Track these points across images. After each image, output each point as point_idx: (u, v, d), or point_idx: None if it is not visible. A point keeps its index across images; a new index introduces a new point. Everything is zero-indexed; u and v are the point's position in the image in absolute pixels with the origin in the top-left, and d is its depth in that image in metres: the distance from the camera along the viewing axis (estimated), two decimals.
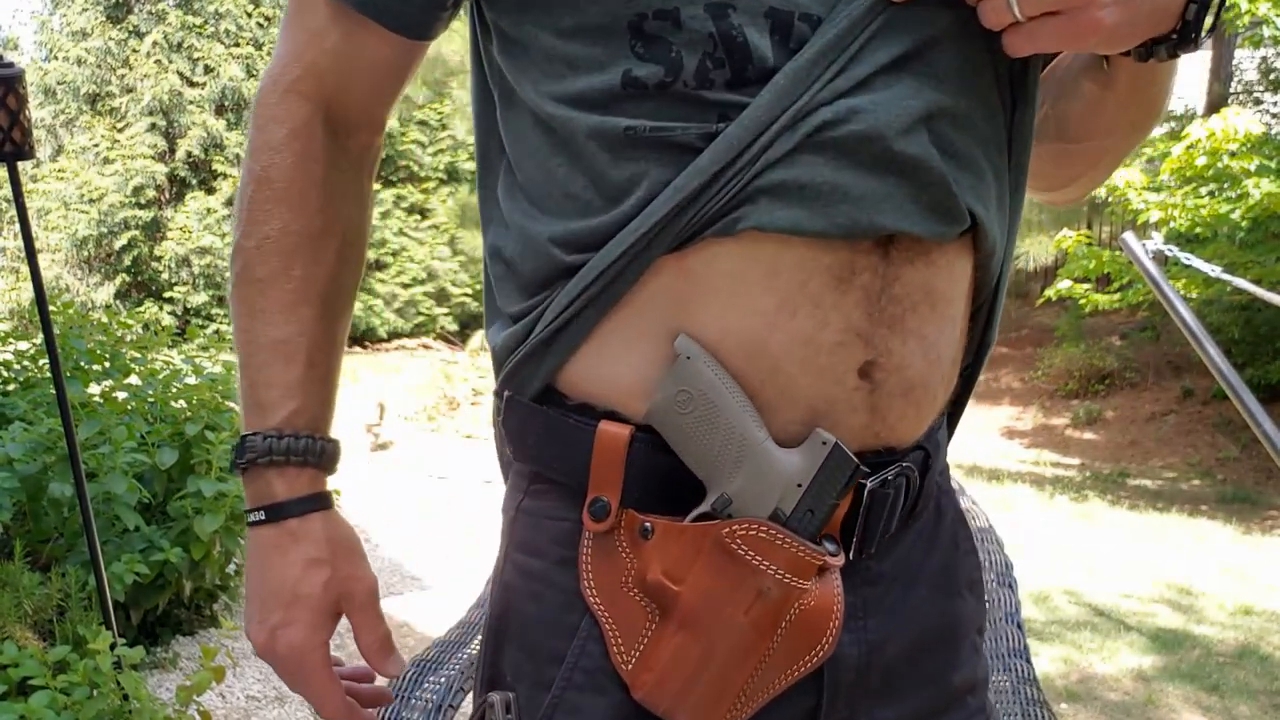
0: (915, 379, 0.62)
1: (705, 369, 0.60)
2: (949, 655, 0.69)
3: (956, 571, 0.70)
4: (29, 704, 1.88)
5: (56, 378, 2.16)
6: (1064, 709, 2.96)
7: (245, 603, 0.70)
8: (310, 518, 0.69)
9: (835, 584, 0.61)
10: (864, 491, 0.61)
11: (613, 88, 0.60)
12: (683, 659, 0.61)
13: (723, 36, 0.58)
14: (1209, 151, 6.31)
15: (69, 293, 11.60)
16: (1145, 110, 0.69)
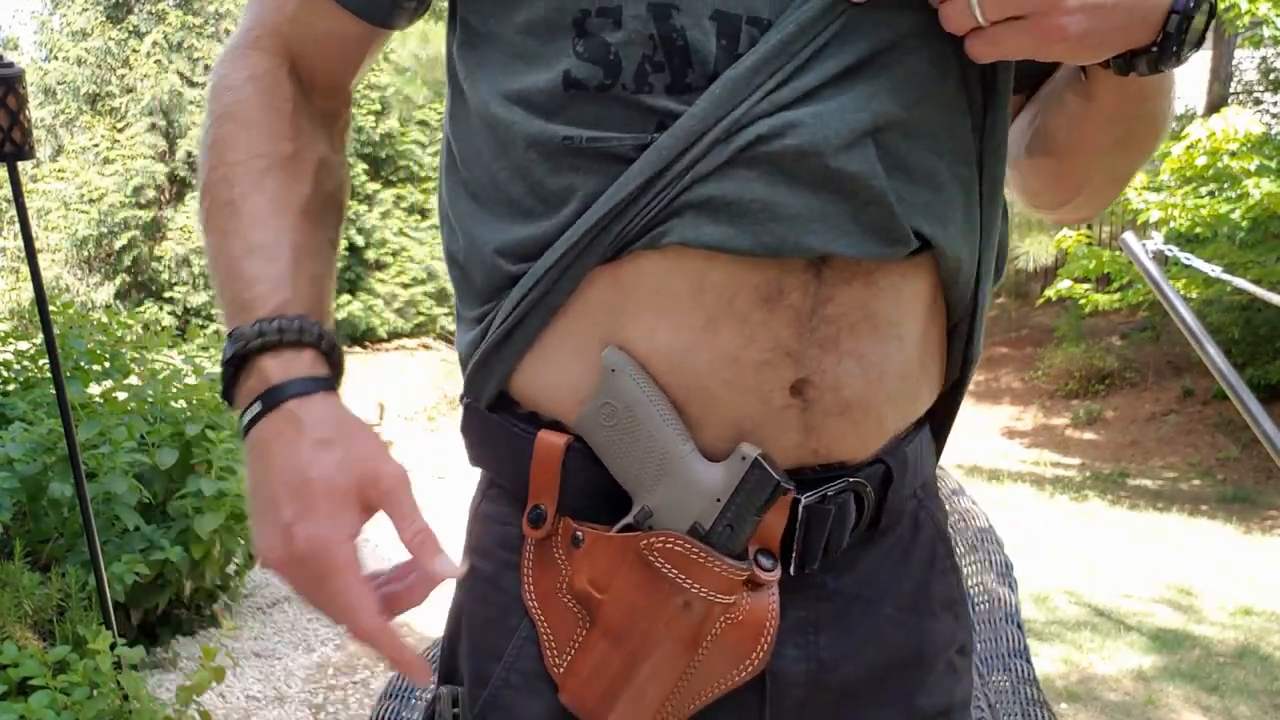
0: (853, 398, 0.60)
1: (629, 382, 0.59)
2: (917, 677, 0.67)
3: (930, 591, 0.68)
4: (29, 704, 1.88)
5: (56, 378, 2.16)
6: (1064, 709, 2.96)
7: (253, 521, 0.59)
8: (312, 398, 0.59)
9: (771, 598, 0.60)
10: (799, 507, 0.60)
11: (555, 87, 0.59)
12: (606, 666, 0.61)
13: (663, 39, 0.57)
14: (1209, 151, 6.31)
15: (69, 293, 11.60)
16: (1135, 128, 0.65)
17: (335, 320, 0.71)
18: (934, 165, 0.59)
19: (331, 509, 0.56)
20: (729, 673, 0.61)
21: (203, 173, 0.67)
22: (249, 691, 2.80)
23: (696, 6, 0.56)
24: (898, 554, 0.67)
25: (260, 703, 2.75)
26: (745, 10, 0.56)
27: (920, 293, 0.62)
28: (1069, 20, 0.53)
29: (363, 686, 2.87)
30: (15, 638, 2.12)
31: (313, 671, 2.96)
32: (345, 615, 0.56)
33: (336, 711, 2.74)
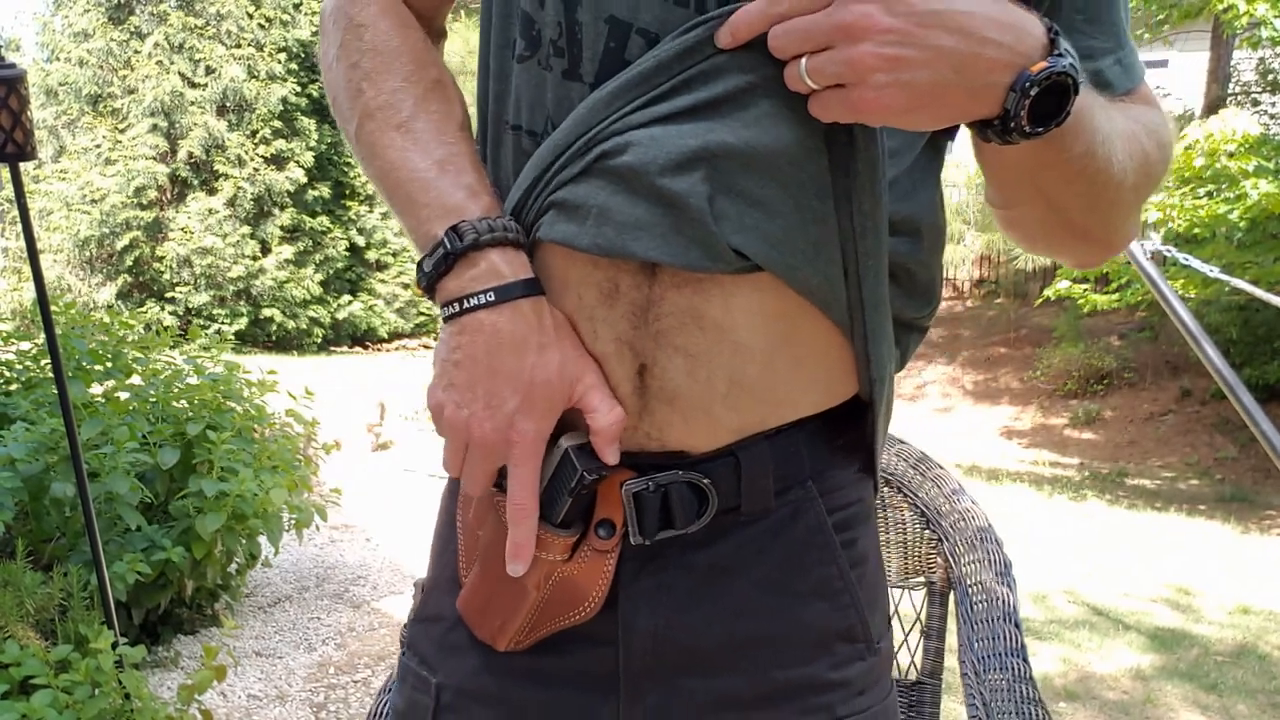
0: (679, 392, 0.66)
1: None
2: (779, 651, 0.72)
3: (800, 576, 0.72)
4: (31, 703, 1.88)
5: (58, 378, 2.17)
6: (1062, 708, 2.97)
7: (449, 387, 0.66)
8: (538, 299, 0.66)
9: (609, 560, 0.69)
10: (623, 490, 0.68)
11: (503, 49, 0.68)
12: (480, 587, 0.73)
13: (567, 27, 0.64)
14: (1207, 152, 6.32)
15: (71, 293, 11.60)
16: (1061, 182, 0.65)
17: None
18: (774, 194, 0.63)
19: (548, 409, 0.65)
20: (569, 614, 0.71)
21: (356, 103, 0.72)
22: (250, 690, 2.81)
23: (597, 6, 0.63)
24: (764, 539, 0.72)
25: (261, 702, 2.76)
26: (636, 21, 0.63)
27: (762, 307, 0.66)
28: (880, 94, 0.56)
29: (364, 685, 2.88)
30: (17, 637, 2.13)
31: (314, 670, 2.97)
32: (519, 491, 0.66)
33: (338, 710, 2.75)
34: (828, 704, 0.73)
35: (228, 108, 12.22)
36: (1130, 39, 0.73)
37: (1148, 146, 0.68)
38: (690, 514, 0.69)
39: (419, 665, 0.79)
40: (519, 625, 0.72)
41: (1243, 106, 8.81)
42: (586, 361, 0.66)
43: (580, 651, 0.73)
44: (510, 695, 0.74)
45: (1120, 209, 0.69)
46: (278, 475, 3.08)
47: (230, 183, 11.93)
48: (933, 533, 1.32)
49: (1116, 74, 0.71)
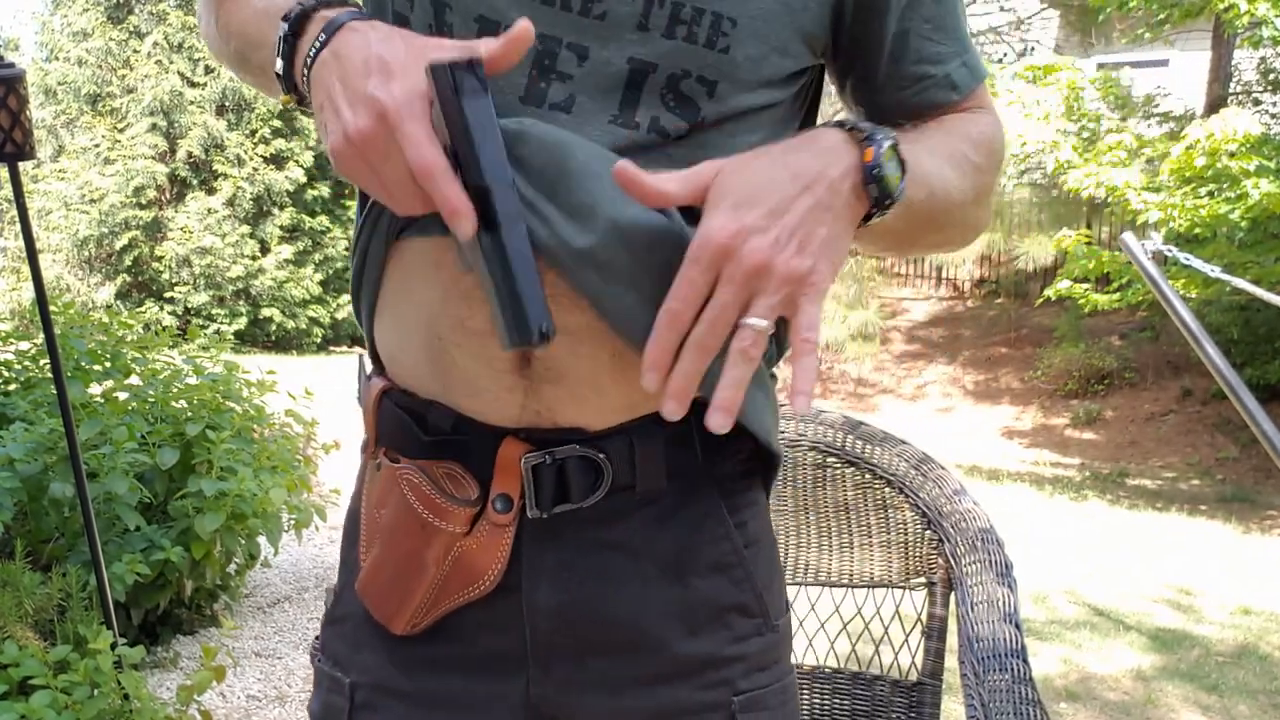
0: (564, 368, 0.69)
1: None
2: (678, 627, 0.75)
3: (697, 553, 0.76)
4: (30, 703, 1.88)
5: (57, 378, 2.17)
6: (1063, 708, 2.97)
7: (325, 132, 0.62)
8: (371, 20, 0.65)
9: (505, 536, 0.72)
10: (522, 462, 0.71)
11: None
12: (379, 567, 0.75)
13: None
14: (1208, 152, 6.31)
15: (70, 293, 11.60)
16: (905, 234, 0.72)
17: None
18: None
19: (406, 70, 0.60)
20: (468, 587, 0.73)
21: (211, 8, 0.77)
22: (250, 691, 2.80)
23: (466, 7, 0.67)
24: (659, 518, 0.75)
25: (261, 702, 2.75)
26: (504, 19, 0.66)
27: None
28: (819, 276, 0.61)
29: None
30: (16, 637, 2.13)
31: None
32: (413, 150, 0.58)
33: None
34: (728, 678, 0.76)
35: (227, 107, 12.22)
36: (970, 42, 0.79)
37: (979, 159, 0.75)
38: (585, 488, 0.72)
39: (332, 667, 0.80)
40: (417, 603, 0.73)
41: (1244, 106, 8.81)
42: (437, 39, 0.63)
43: (486, 635, 0.75)
44: (420, 686, 0.76)
45: (964, 221, 0.76)
46: (277, 475, 3.08)
47: (229, 182, 11.93)
48: (934, 533, 1.31)
49: (963, 75, 0.77)
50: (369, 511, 0.77)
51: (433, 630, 0.75)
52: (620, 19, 0.66)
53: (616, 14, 0.66)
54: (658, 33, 0.67)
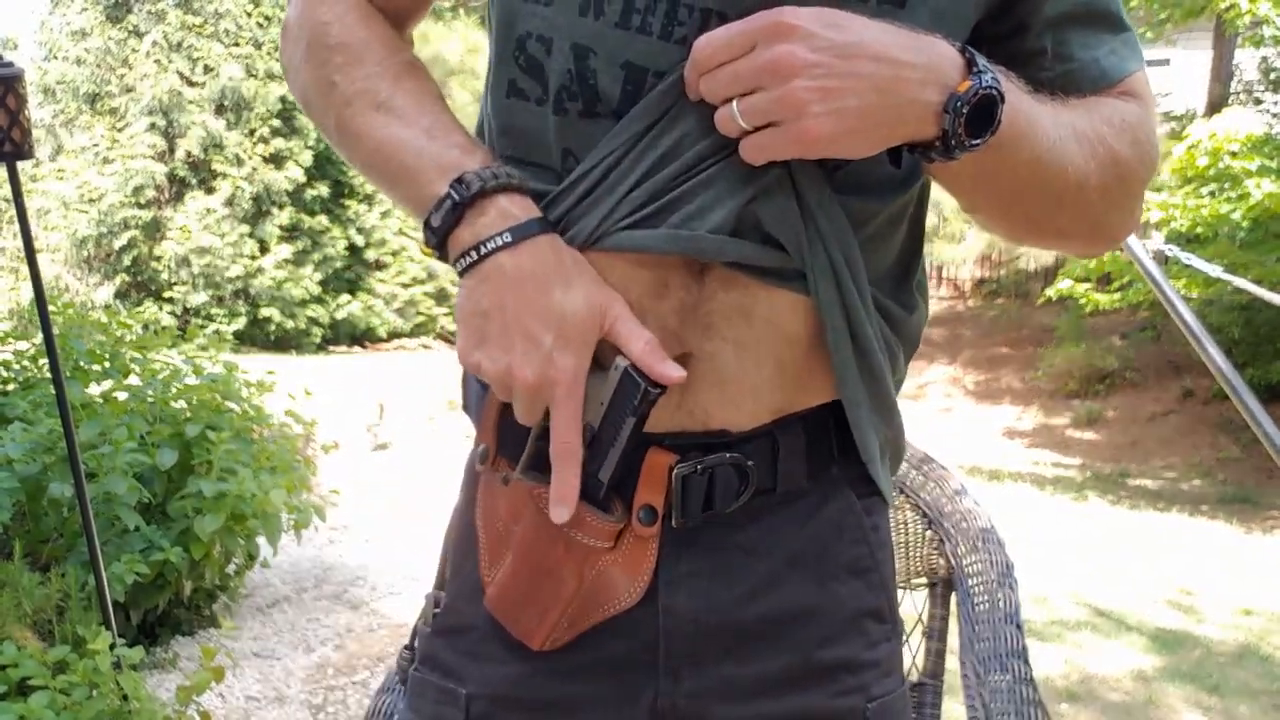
0: (728, 376, 0.69)
1: None
2: (817, 630, 0.74)
3: (834, 556, 0.75)
4: (28, 704, 1.88)
5: (56, 378, 2.16)
6: (1064, 709, 2.96)
7: (481, 343, 0.66)
8: (554, 236, 0.67)
9: (651, 547, 0.70)
10: (673, 474, 0.69)
11: (502, 88, 0.70)
12: (513, 582, 0.72)
13: (579, 75, 0.66)
14: (1210, 152, 6.31)
15: (69, 293, 11.60)
16: (1013, 190, 0.69)
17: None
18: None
19: (584, 343, 0.65)
20: (609, 603, 0.71)
21: (330, 97, 0.73)
22: (248, 692, 2.80)
23: (612, 54, 0.66)
24: (799, 518, 0.74)
25: (260, 703, 2.75)
26: (652, 65, 0.65)
27: (803, 303, 0.69)
28: (816, 124, 0.59)
29: (362, 687, 2.87)
30: (15, 638, 2.12)
31: (312, 672, 2.96)
32: (563, 429, 0.65)
33: (336, 712, 2.74)
34: (863, 684, 0.75)
35: (226, 106, 12.22)
36: (1129, 25, 0.74)
37: (1118, 146, 0.70)
38: (731, 494, 0.71)
39: (442, 678, 0.77)
40: (557, 618, 0.71)
41: (1245, 105, 8.81)
42: (610, 292, 0.66)
43: (616, 641, 0.72)
44: (546, 696, 0.74)
45: (1088, 210, 0.71)
46: (276, 476, 3.07)
47: (228, 182, 11.92)
48: (935, 533, 1.31)
49: (1113, 62, 0.73)
50: (490, 524, 0.74)
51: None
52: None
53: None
54: None
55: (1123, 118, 0.72)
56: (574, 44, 0.66)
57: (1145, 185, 0.75)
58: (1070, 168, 0.68)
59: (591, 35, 0.66)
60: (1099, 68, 0.72)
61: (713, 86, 0.61)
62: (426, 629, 0.80)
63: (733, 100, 0.61)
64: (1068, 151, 0.67)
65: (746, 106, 0.60)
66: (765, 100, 0.60)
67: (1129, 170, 0.71)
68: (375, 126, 0.71)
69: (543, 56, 0.68)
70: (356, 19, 0.74)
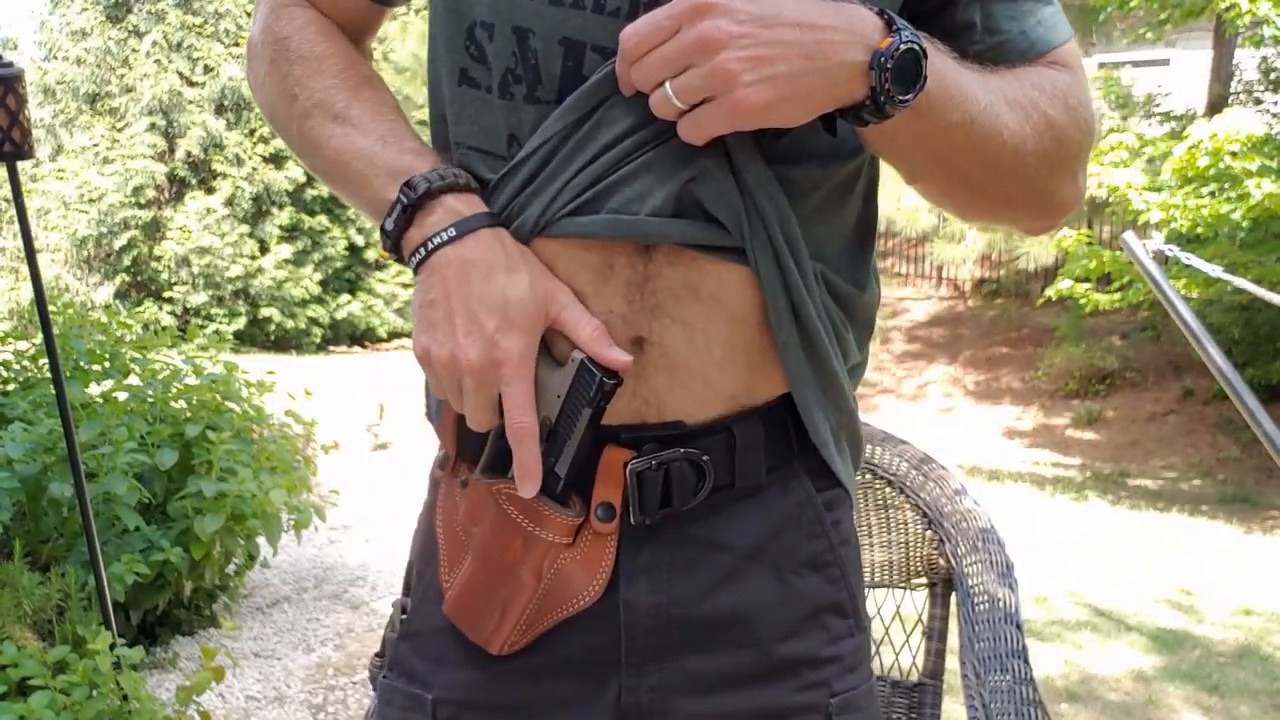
0: (678, 358, 0.70)
1: None
2: (777, 625, 0.74)
3: (792, 550, 0.75)
4: (28, 704, 1.88)
5: (56, 378, 2.17)
6: (1064, 709, 2.96)
7: (429, 329, 0.68)
8: (499, 229, 0.69)
9: (609, 544, 0.71)
10: (627, 470, 0.70)
11: (454, 76, 0.71)
12: (471, 585, 0.73)
13: (522, 57, 0.68)
14: (1210, 152, 6.31)
15: (69, 293, 11.60)
16: (949, 153, 0.69)
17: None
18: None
19: (528, 326, 0.66)
20: (569, 602, 0.71)
21: (292, 108, 0.76)
22: (248, 692, 2.80)
23: (549, 32, 0.67)
24: (755, 513, 0.74)
25: (260, 703, 2.75)
26: (589, 39, 0.67)
27: (751, 281, 0.70)
28: (749, 93, 0.60)
29: (362, 686, 2.87)
30: (15, 638, 2.12)
31: (312, 671, 2.96)
32: (516, 410, 0.66)
33: (336, 712, 2.74)
34: (824, 679, 0.76)
35: (226, 106, 12.22)
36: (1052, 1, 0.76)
37: (1052, 112, 0.71)
38: (689, 490, 0.71)
39: (408, 683, 0.78)
40: (515, 621, 0.72)
41: (1245, 106, 8.81)
42: (557, 282, 0.68)
43: (578, 639, 0.73)
44: (511, 698, 0.74)
45: (1030, 176, 0.72)
46: (276, 476, 3.07)
47: (228, 182, 11.93)
48: (935, 533, 1.31)
49: (1039, 33, 0.74)
50: (450, 529, 0.75)
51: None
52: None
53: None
54: None
55: (1054, 84, 0.73)
56: (514, 26, 0.68)
57: (1085, 152, 0.75)
58: (1005, 131, 0.69)
59: (529, 15, 0.67)
60: (1027, 39, 0.74)
61: (644, 74, 0.62)
62: (394, 635, 0.81)
63: (665, 83, 0.62)
64: (1000, 115, 0.68)
65: (680, 86, 0.61)
66: (696, 77, 0.60)
67: (1065, 135, 0.72)
68: (333, 136, 0.74)
69: (487, 43, 0.69)
70: (315, 33, 0.77)
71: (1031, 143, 0.70)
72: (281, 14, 0.79)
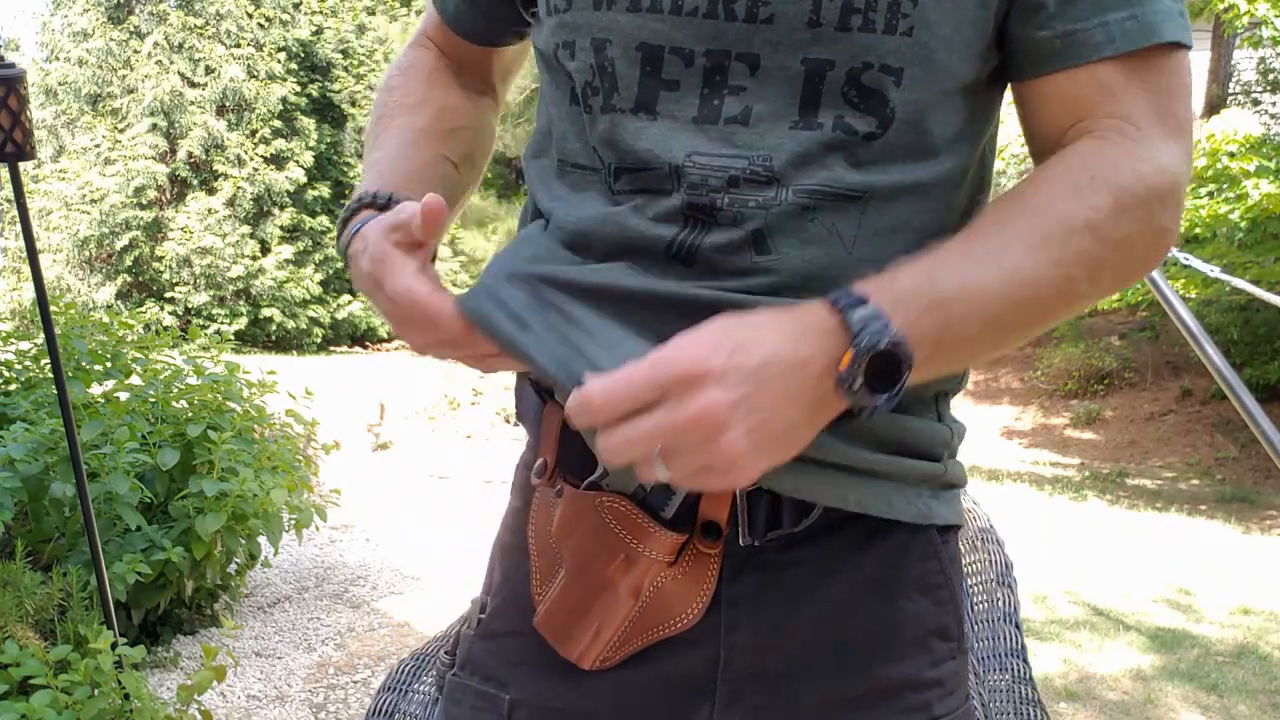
0: None
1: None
2: (882, 648, 0.72)
3: (902, 572, 0.72)
4: (30, 703, 1.88)
5: (58, 378, 2.17)
6: (1063, 708, 2.97)
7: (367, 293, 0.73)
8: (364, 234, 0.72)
9: (713, 565, 0.68)
10: (737, 491, 0.67)
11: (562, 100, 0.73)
12: (565, 600, 0.71)
13: (599, 71, 0.68)
14: (1208, 153, 6.31)
15: (70, 293, 11.60)
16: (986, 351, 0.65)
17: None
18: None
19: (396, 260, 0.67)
20: (667, 621, 0.69)
21: (374, 117, 0.86)
22: (250, 691, 2.81)
23: (627, 37, 0.66)
24: (866, 534, 0.71)
25: (261, 702, 2.76)
26: (668, 42, 0.65)
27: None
28: (751, 466, 0.56)
29: (363, 686, 2.88)
30: (16, 637, 2.13)
31: (313, 671, 2.97)
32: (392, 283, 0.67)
33: (337, 711, 2.74)
34: (925, 703, 0.73)
35: (227, 107, 12.22)
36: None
37: (1095, 215, 0.62)
38: (798, 513, 0.68)
39: (482, 683, 0.76)
40: (609, 639, 0.70)
41: (1243, 106, 8.81)
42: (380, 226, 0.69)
43: (673, 657, 0.70)
44: (593, 710, 0.72)
45: (1088, 291, 0.65)
46: (278, 475, 3.08)
47: (230, 182, 11.92)
48: None
49: (1128, 28, 0.64)
50: (542, 540, 0.73)
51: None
52: (789, 19, 0.63)
53: (785, 14, 0.63)
54: (831, 26, 0.62)
55: (1089, 170, 0.63)
56: (592, 39, 0.67)
57: (1151, 210, 0.64)
58: (1041, 288, 0.62)
59: (606, 26, 0.66)
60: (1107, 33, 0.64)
61: (623, 451, 0.56)
62: (470, 633, 0.79)
63: (655, 460, 0.56)
64: (1027, 274, 0.61)
65: (679, 469, 0.56)
66: (697, 458, 0.55)
67: (1117, 226, 0.63)
68: (373, 140, 0.83)
69: (569, 61, 0.69)
70: (408, 69, 0.87)
71: (1077, 268, 0.62)
72: (409, 51, 0.89)
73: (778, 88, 0.64)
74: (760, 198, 0.64)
